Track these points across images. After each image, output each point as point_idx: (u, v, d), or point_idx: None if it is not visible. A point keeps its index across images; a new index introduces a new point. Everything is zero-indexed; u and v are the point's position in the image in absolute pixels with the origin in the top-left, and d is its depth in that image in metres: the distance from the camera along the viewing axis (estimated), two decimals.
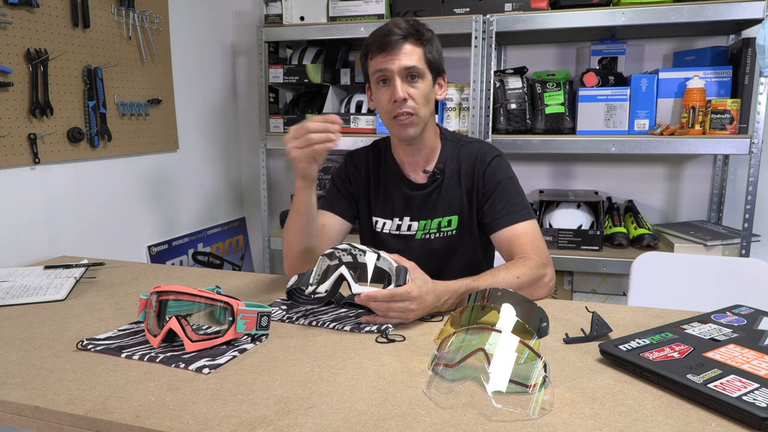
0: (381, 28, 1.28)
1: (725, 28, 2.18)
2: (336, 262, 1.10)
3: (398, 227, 1.42)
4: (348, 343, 0.99)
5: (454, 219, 1.38)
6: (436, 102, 1.37)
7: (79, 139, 1.82)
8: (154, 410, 0.77)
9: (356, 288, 1.03)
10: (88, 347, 0.97)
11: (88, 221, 1.91)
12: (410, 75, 1.27)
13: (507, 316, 0.90)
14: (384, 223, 1.43)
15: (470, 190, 1.37)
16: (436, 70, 1.32)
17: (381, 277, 1.07)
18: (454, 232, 1.39)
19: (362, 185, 1.46)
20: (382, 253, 1.07)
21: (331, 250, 1.10)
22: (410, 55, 1.26)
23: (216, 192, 2.69)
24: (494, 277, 1.15)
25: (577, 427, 0.72)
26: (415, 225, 1.40)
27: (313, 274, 1.09)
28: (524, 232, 1.29)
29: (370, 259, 1.06)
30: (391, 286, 1.03)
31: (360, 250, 1.08)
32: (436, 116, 1.73)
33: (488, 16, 2.08)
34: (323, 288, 1.07)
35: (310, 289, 1.07)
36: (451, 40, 2.26)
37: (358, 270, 1.07)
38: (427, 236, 1.40)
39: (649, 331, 0.95)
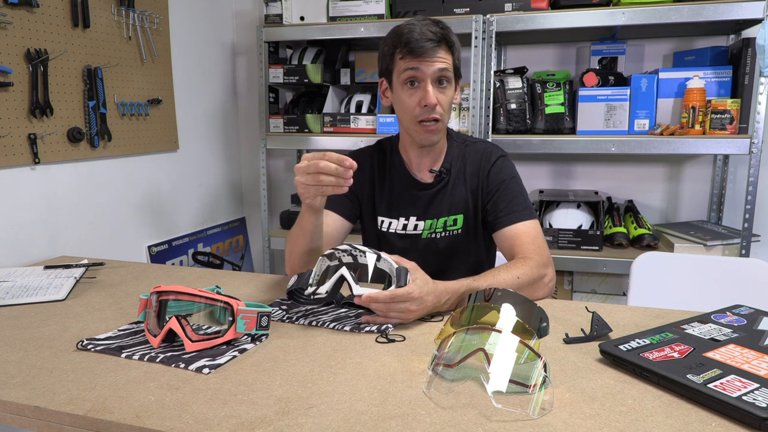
0: (411, 28, 1.25)
1: (725, 28, 2.18)
2: (336, 262, 1.10)
3: (404, 227, 1.42)
4: (348, 343, 0.99)
5: (460, 218, 1.39)
6: None
7: (79, 139, 1.82)
8: (154, 410, 0.77)
9: (357, 289, 1.03)
10: (88, 347, 0.97)
11: (88, 221, 1.91)
12: (440, 80, 1.27)
13: (507, 316, 0.90)
14: (390, 223, 1.43)
15: (475, 190, 1.38)
16: (459, 76, 1.33)
17: (381, 278, 1.07)
18: (459, 231, 1.40)
19: (366, 185, 1.46)
20: (383, 254, 1.07)
21: (332, 250, 1.10)
22: (443, 60, 1.26)
23: (216, 192, 2.69)
24: (494, 277, 1.15)
25: (577, 427, 0.72)
26: (421, 224, 1.40)
27: (312, 275, 1.09)
28: (526, 232, 1.29)
29: (370, 260, 1.06)
30: (392, 287, 1.03)
31: (360, 250, 1.08)
32: None
33: (488, 16, 2.08)
34: (324, 289, 1.07)
35: (310, 290, 1.07)
36: None
37: (359, 271, 1.07)
38: (433, 235, 1.40)
39: (649, 331, 0.95)
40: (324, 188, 1.10)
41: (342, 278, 1.06)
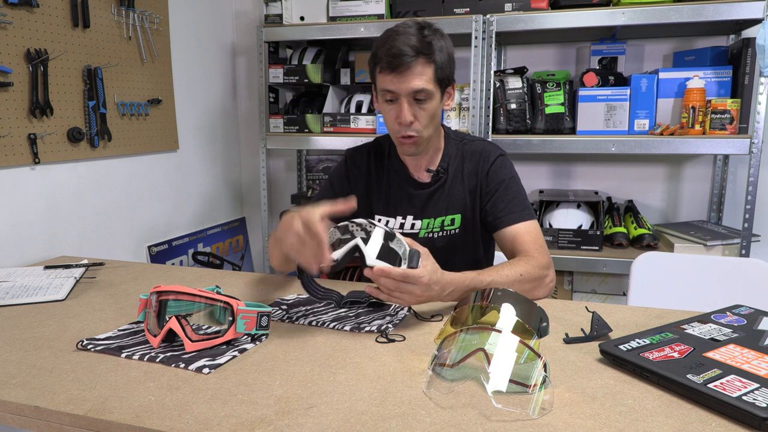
0: (391, 41, 1.22)
1: (725, 28, 2.18)
2: (348, 236, 1.08)
3: (401, 226, 1.42)
4: (348, 343, 0.99)
5: (458, 218, 1.39)
6: None
7: (79, 139, 1.82)
8: (154, 410, 0.77)
9: (371, 260, 1.02)
10: (88, 347, 0.97)
11: (88, 221, 1.91)
12: (417, 98, 1.25)
13: (507, 316, 0.90)
14: (387, 222, 1.43)
15: (473, 189, 1.38)
16: (446, 83, 1.30)
17: (393, 257, 1.05)
18: (457, 230, 1.39)
19: (362, 183, 1.46)
20: (398, 234, 1.06)
21: (346, 223, 1.08)
22: (420, 76, 1.22)
23: (216, 192, 2.69)
24: (498, 273, 1.15)
25: (577, 427, 0.72)
26: (418, 224, 1.40)
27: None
28: (528, 231, 1.30)
29: (378, 235, 1.04)
30: (404, 265, 1.02)
31: (375, 226, 1.06)
32: None
33: (488, 16, 2.08)
34: (336, 255, 1.04)
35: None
36: (451, 40, 2.26)
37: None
38: (431, 235, 1.40)
39: (649, 331, 0.95)
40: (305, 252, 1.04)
41: (356, 247, 1.04)
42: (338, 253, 1.05)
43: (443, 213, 1.39)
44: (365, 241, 1.05)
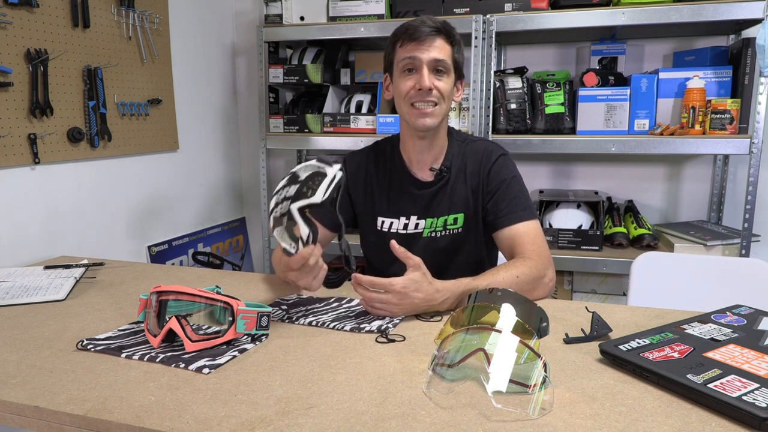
0: (412, 21, 1.30)
1: (725, 28, 2.18)
2: (287, 218, 1.05)
3: (405, 226, 1.41)
4: (348, 343, 0.99)
5: (460, 217, 1.39)
6: None
7: (79, 139, 1.82)
8: (154, 410, 0.77)
9: (317, 197, 1.00)
10: (88, 347, 0.97)
11: (88, 221, 1.91)
12: (438, 68, 1.29)
13: (507, 316, 0.90)
14: (391, 223, 1.43)
15: (476, 188, 1.38)
16: (459, 73, 1.35)
17: (317, 182, 1.03)
18: (460, 230, 1.39)
19: (361, 187, 1.46)
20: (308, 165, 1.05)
21: (277, 215, 1.04)
22: (440, 49, 1.28)
23: (216, 192, 2.69)
24: (494, 277, 1.15)
25: (577, 427, 0.72)
26: (422, 223, 1.40)
27: (287, 246, 1.05)
28: (527, 232, 1.29)
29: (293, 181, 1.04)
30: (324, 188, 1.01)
31: (287, 197, 1.03)
32: None
33: (488, 16, 2.08)
34: (304, 232, 1.02)
35: (294, 248, 1.03)
36: None
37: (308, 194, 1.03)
38: (434, 234, 1.40)
39: (649, 331, 0.95)
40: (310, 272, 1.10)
41: (300, 211, 1.02)
42: (303, 230, 1.02)
43: (446, 212, 1.39)
44: (297, 197, 1.03)
